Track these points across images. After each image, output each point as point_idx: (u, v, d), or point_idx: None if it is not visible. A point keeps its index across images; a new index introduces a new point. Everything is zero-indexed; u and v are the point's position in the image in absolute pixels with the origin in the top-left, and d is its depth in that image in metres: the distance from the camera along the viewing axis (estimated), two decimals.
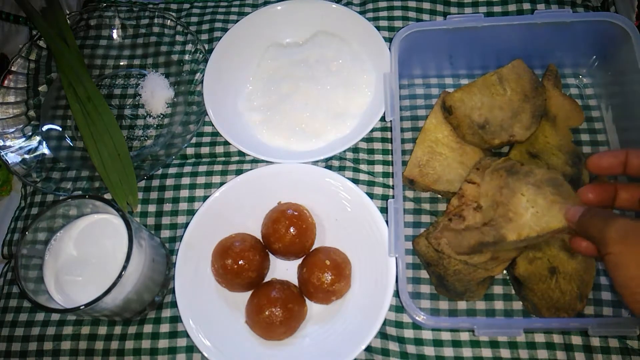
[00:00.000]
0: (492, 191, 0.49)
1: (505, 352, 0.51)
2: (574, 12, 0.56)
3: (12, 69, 0.68)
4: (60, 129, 0.68)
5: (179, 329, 0.55)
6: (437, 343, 0.52)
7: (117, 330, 0.56)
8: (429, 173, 0.56)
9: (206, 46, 0.69)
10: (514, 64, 0.56)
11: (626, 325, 0.46)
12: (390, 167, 0.60)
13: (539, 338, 0.51)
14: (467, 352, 0.52)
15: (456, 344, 0.52)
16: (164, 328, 0.55)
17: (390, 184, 0.60)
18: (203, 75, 0.64)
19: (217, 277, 0.54)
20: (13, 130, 0.65)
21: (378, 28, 0.65)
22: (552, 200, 0.48)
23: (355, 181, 0.59)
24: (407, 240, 0.55)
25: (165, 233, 0.60)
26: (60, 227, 0.51)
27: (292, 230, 0.53)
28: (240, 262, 0.52)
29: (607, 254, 0.37)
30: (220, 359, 0.50)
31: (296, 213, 0.54)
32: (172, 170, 0.63)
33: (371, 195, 0.58)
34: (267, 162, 0.60)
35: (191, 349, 0.54)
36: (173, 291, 0.54)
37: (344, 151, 0.60)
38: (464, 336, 0.52)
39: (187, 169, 0.63)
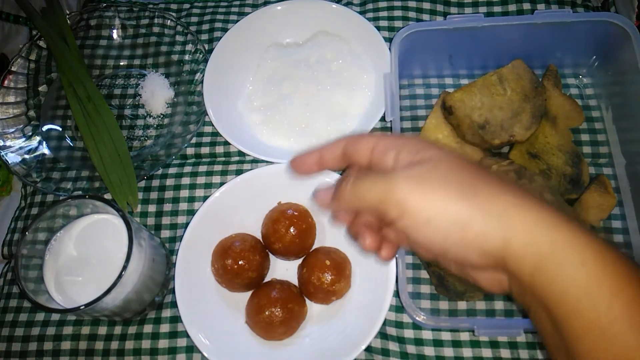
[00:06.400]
0: None
1: (505, 352, 0.51)
2: (574, 12, 0.56)
3: (12, 69, 0.68)
4: (60, 129, 0.68)
5: (179, 329, 0.55)
6: (437, 343, 0.52)
7: (117, 330, 0.56)
8: None
9: (206, 46, 0.69)
10: (514, 64, 0.56)
11: None
12: None
13: (539, 338, 0.51)
14: (467, 352, 0.52)
15: (456, 344, 0.52)
16: (164, 328, 0.55)
17: None
18: (203, 75, 0.64)
19: (217, 277, 0.54)
20: (13, 130, 0.65)
21: (378, 28, 0.65)
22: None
23: None
24: None
25: (165, 233, 0.60)
26: (60, 227, 0.51)
27: (292, 230, 0.53)
28: (240, 262, 0.52)
29: (402, 219, 0.31)
30: (220, 359, 0.50)
31: (296, 213, 0.54)
32: (172, 170, 0.63)
33: None
34: (267, 162, 0.60)
35: (191, 349, 0.54)
36: (173, 291, 0.54)
37: None
38: (464, 336, 0.52)
39: (187, 169, 0.63)
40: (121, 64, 0.71)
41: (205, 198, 0.58)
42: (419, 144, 0.33)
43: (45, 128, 0.67)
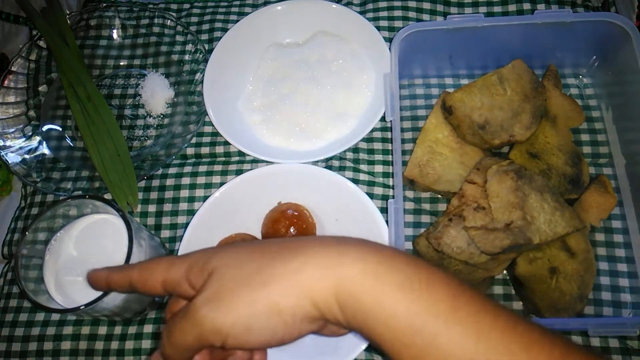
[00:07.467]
0: (503, 193, 0.49)
1: None
2: (574, 12, 0.56)
3: (12, 69, 0.68)
4: (60, 129, 0.68)
5: None
6: None
7: (117, 330, 0.56)
8: (429, 173, 0.56)
9: (206, 46, 0.69)
10: (514, 64, 0.56)
11: (626, 325, 0.46)
12: (390, 167, 0.60)
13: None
14: None
15: None
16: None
17: (390, 184, 0.60)
18: (203, 75, 0.64)
19: None
20: (13, 130, 0.65)
21: (378, 28, 0.65)
22: (554, 207, 0.48)
23: (355, 181, 0.59)
24: (407, 240, 0.55)
25: (165, 233, 0.60)
26: (60, 227, 0.51)
27: (292, 230, 0.53)
28: None
29: (227, 342, 0.29)
30: None
31: (296, 213, 0.54)
32: (172, 170, 0.63)
33: (371, 195, 0.58)
34: (267, 162, 0.60)
35: None
36: None
37: (344, 151, 0.60)
38: None
39: (187, 169, 0.63)
40: (121, 64, 0.71)
41: (205, 198, 0.58)
42: (203, 257, 0.32)
43: (45, 128, 0.67)
